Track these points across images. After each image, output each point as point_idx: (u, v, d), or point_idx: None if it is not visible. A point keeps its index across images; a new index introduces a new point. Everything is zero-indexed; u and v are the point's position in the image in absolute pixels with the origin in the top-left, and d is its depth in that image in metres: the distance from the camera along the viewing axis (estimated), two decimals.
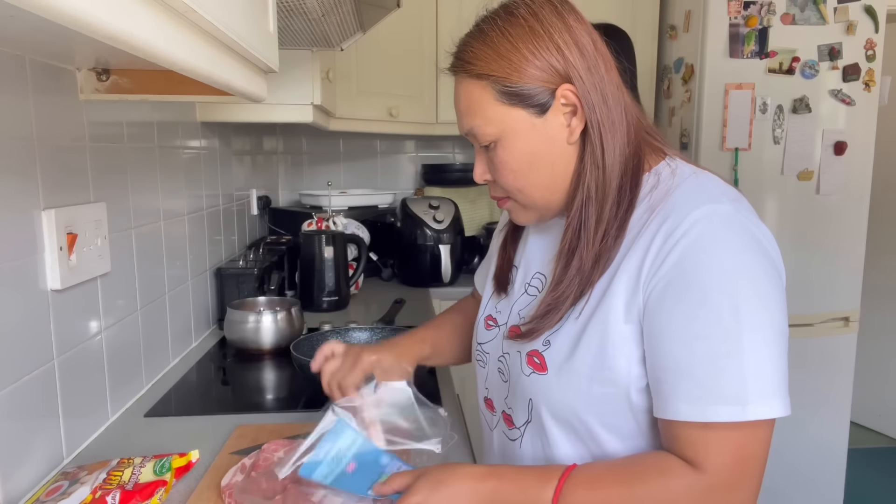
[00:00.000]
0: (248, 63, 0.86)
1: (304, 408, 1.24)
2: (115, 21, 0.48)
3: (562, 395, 0.80)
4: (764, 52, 2.23)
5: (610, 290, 0.76)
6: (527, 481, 0.75)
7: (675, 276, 0.71)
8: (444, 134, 2.63)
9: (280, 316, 1.54)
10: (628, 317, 0.74)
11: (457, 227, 2.39)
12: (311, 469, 0.80)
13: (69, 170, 1.03)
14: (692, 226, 0.71)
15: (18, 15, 0.61)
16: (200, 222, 1.68)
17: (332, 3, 1.23)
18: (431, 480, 0.75)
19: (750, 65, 2.24)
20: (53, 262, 0.95)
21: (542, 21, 0.76)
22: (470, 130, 0.82)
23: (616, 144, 0.77)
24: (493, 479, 0.75)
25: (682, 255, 0.71)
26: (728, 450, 0.70)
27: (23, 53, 0.90)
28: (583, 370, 0.77)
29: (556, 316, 0.80)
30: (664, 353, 0.72)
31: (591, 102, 0.76)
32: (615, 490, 0.72)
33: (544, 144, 0.78)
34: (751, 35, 2.22)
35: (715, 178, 0.80)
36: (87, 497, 0.82)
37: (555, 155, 0.79)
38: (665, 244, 0.72)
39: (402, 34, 2.38)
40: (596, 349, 0.76)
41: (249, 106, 1.65)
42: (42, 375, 0.94)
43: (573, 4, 0.80)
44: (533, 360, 0.83)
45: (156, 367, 1.38)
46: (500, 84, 0.77)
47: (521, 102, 0.77)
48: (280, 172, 2.83)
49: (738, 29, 2.22)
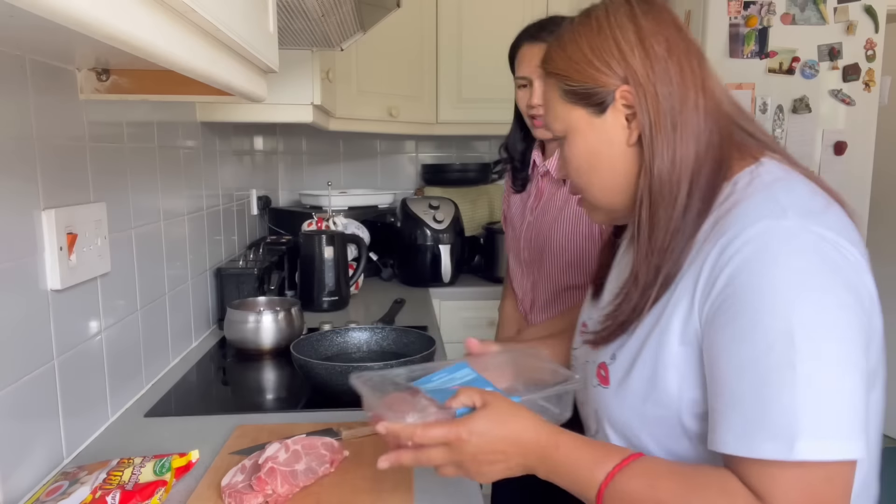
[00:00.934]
0: (248, 63, 0.86)
1: (304, 408, 1.24)
2: (115, 21, 0.48)
3: (620, 412, 0.78)
4: (764, 52, 2.23)
5: (669, 307, 0.72)
6: (585, 453, 0.73)
7: (727, 298, 0.66)
8: (444, 134, 2.63)
9: (280, 316, 1.54)
10: (684, 338, 0.71)
11: (457, 227, 2.39)
12: (422, 383, 0.83)
13: (69, 170, 1.03)
14: (745, 243, 0.66)
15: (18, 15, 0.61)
16: (200, 222, 1.68)
17: (332, 3, 1.23)
18: (499, 412, 0.73)
19: (750, 65, 2.24)
20: (53, 262, 0.95)
21: (611, 22, 0.75)
22: (548, 126, 0.85)
23: (677, 150, 0.73)
24: (555, 436, 0.74)
25: (733, 275, 0.66)
26: (797, 487, 0.62)
27: (23, 53, 0.90)
28: (638, 389, 0.75)
29: (614, 328, 0.78)
30: (716, 380, 0.67)
31: (647, 106, 0.73)
32: (671, 493, 0.68)
33: (603, 145, 0.78)
34: (751, 35, 2.22)
35: (802, 185, 0.73)
36: (87, 497, 0.82)
37: (614, 156, 0.77)
38: (718, 262, 0.68)
39: (402, 34, 2.38)
40: (651, 369, 0.73)
41: (249, 106, 1.65)
42: (42, 375, 0.94)
43: (662, 6, 0.78)
44: (600, 372, 0.81)
45: (156, 367, 1.38)
46: (563, 82, 0.78)
47: (580, 101, 0.78)
48: (280, 172, 2.83)
49: (738, 29, 2.22)
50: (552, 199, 1.47)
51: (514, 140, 1.54)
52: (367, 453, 1.00)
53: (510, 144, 1.55)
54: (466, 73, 2.53)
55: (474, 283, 2.43)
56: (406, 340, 1.43)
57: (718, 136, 0.75)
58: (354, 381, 0.81)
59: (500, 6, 2.49)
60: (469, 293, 2.33)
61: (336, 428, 1.08)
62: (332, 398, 1.25)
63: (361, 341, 1.46)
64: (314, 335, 1.42)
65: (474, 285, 2.41)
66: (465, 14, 2.50)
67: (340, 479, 0.93)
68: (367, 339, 1.46)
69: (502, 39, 1.52)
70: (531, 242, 1.50)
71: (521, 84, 1.42)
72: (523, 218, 1.53)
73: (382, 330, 1.47)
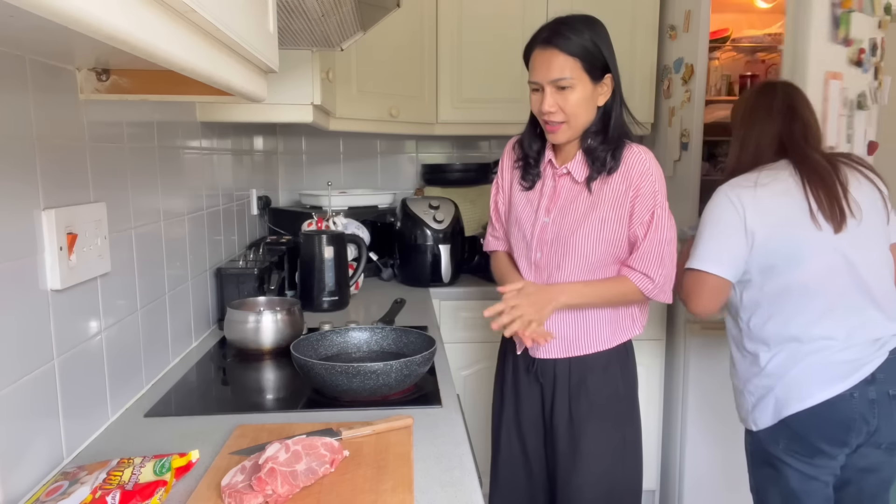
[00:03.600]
0: (248, 63, 0.86)
1: (304, 408, 1.24)
2: (114, 21, 0.48)
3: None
4: (847, 39, 2.03)
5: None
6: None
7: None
8: (444, 134, 2.63)
9: (280, 316, 1.54)
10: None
11: (457, 227, 2.39)
12: None
13: (69, 170, 1.03)
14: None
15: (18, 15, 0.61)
16: (200, 222, 1.68)
17: (332, 3, 1.23)
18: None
19: (839, 53, 2.05)
20: (53, 262, 0.95)
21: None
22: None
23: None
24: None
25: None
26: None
27: (23, 53, 0.91)
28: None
29: None
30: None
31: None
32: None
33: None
34: (845, 18, 1.99)
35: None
36: (87, 497, 0.82)
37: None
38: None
39: (402, 34, 2.38)
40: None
41: (249, 106, 1.65)
42: (42, 375, 0.94)
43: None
44: None
45: (156, 367, 1.38)
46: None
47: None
48: (280, 172, 2.83)
49: (835, 10, 2.00)
50: (573, 201, 1.45)
51: (531, 138, 1.53)
52: (367, 453, 1.00)
53: (525, 141, 1.54)
54: (466, 73, 2.53)
55: (474, 283, 2.43)
56: (406, 340, 1.43)
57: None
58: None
59: (500, 6, 2.49)
60: (469, 293, 2.33)
61: (336, 428, 1.08)
62: (332, 398, 1.26)
63: (361, 341, 1.46)
64: (314, 335, 1.42)
65: (474, 285, 2.41)
66: (465, 14, 2.50)
67: (340, 479, 0.93)
68: (367, 339, 1.46)
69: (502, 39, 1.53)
70: (549, 245, 1.48)
71: (533, 88, 1.43)
72: (535, 218, 1.50)
73: (382, 330, 1.47)
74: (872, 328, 1.48)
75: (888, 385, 1.45)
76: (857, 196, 1.50)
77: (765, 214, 1.49)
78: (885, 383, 1.45)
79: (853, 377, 1.44)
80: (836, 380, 1.45)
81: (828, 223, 1.46)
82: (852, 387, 1.43)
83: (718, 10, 2.27)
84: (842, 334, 1.47)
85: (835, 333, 1.47)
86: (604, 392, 1.49)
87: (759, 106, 1.61)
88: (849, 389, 1.43)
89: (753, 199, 1.50)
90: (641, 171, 1.40)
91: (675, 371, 2.42)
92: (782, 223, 1.49)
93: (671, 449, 2.47)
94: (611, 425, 1.50)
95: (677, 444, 2.43)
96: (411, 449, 1.03)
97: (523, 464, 1.61)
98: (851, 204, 1.48)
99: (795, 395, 1.47)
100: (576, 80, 1.37)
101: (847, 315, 1.48)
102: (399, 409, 1.19)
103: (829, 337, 1.47)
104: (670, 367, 2.45)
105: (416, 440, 1.07)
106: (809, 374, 1.47)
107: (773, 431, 1.52)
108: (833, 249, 1.47)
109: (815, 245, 1.47)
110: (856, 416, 1.44)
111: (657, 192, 1.41)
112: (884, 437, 1.46)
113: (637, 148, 1.43)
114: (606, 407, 1.50)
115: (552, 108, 1.39)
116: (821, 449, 1.47)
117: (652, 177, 1.41)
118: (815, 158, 1.52)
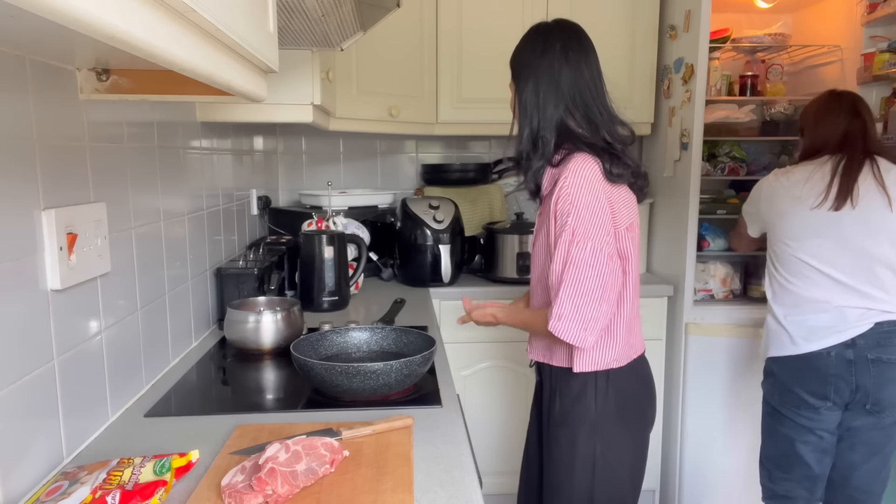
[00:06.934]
0: (248, 63, 0.86)
1: (304, 408, 1.24)
2: (114, 21, 0.48)
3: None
4: None
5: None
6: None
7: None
8: (444, 134, 2.63)
9: (280, 316, 1.54)
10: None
11: (457, 227, 2.39)
12: None
13: (69, 170, 1.03)
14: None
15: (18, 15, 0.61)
16: (200, 222, 1.68)
17: (332, 3, 1.23)
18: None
19: None
20: (53, 262, 0.95)
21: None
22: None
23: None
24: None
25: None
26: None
27: (23, 53, 0.91)
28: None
29: None
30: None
31: None
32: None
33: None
34: None
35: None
36: (87, 497, 0.82)
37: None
38: None
39: (402, 34, 2.38)
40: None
41: (249, 106, 1.65)
42: (42, 375, 0.94)
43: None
44: None
45: (156, 367, 1.38)
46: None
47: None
48: (280, 172, 2.83)
49: None
50: (541, 212, 1.41)
51: None
52: (367, 453, 1.00)
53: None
54: (466, 73, 2.53)
55: (474, 283, 2.44)
56: (406, 340, 1.43)
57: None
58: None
59: (500, 6, 2.49)
60: (469, 293, 2.33)
61: (336, 428, 1.08)
62: (332, 398, 1.26)
63: (361, 341, 1.46)
64: (314, 335, 1.42)
65: (474, 285, 2.41)
66: (465, 14, 2.50)
67: (340, 479, 0.93)
68: (367, 339, 1.46)
69: (502, 39, 1.53)
70: (531, 249, 1.48)
71: None
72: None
73: (382, 330, 1.47)
74: (862, 300, 1.74)
75: (867, 350, 1.72)
76: (888, 184, 1.74)
77: (775, 201, 1.88)
78: (864, 349, 1.73)
79: (831, 339, 1.74)
80: (817, 339, 1.76)
81: (833, 202, 1.75)
82: (829, 346, 1.74)
83: (718, 10, 2.27)
84: (836, 302, 1.76)
85: (829, 299, 1.76)
86: (574, 409, 1.37)
87: (829, 108, 1.88)
88: (826, 348, 1.74)
89: (773, 189, 1.90)
90: (561, 187, 1.26)
91: (675, 371, 2.42)
92: (780, 209, 1.86)
93: (671, 449, 2.47)
94: (580, 437, 1.36)
95: (677, 444, 2.43)
96: (411, 449, 1.03)
97: (530, 451, 1.59)
98: (863, 189, 1.74)
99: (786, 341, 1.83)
100: (512, 87, 1.41)
101: (842, 288, 1.76)
102: (399, 409, 1.19)
103: (823, 301, 1.77)
104: (670, 367, 2.45)
105: (416, 440, 1.07)
106: (798, 329, 1.80)
107: (769, 386, 1.91)
108: (826, 223, 1.76)
109: (816, 223, 1.78)
110: (832, 371, 1.74)
111: (569, 214, 1.24)
112: (867, 398, 1.73)
113: (571, 163, 1.27)
114: (577, 419, 1.37)
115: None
116: (804, 399, 1.79)
117: (569, 198, 1.25)
118: (859, 151, 1.79)
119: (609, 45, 1.42)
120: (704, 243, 2.41)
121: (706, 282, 2.44)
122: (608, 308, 1.26)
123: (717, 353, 2.34)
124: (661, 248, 2.54)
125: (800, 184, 1.83)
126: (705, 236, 2.41)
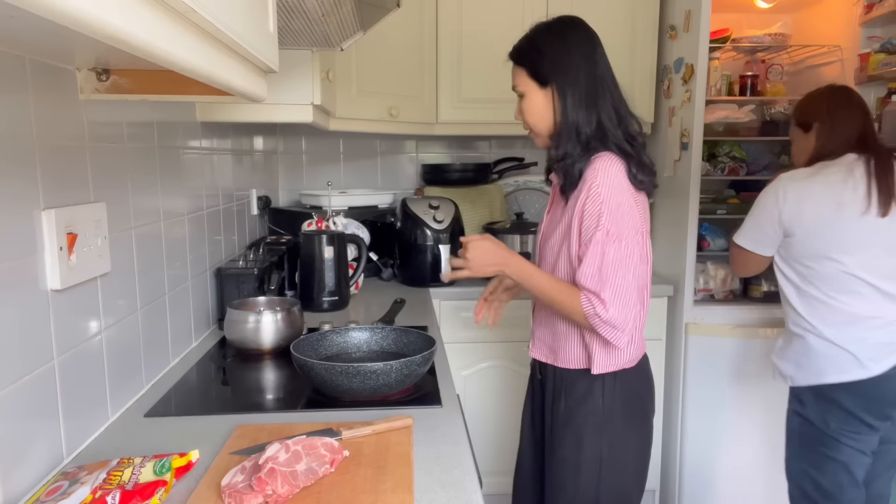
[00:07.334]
0: (248, 63, 0.86)
1: (304, 408, 1.24)
2: (114, 21, 0.48)
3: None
4: None
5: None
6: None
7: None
8: (444, 134, 2.63)
9: (280, 316, 1.54)
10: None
11: (457, 227, 2.39)
12: None
13: (69, 170, 1.03)
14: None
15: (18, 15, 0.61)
16: (200, 222, 1.68)
17: (332, 3, 1.23)
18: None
19: None
20: (53, 262, 0.95)
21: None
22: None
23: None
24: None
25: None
26: None
27: (23, 53, 0.91)
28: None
29: None
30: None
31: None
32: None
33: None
34: None
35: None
36: (87, 497, 0.82)
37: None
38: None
39: (402, 34, 2.38)
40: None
41: (249, 106, 1.65)
42: (42, 375, 0.94)
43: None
44: None
45: (156, 367, 1.38)
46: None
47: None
48: (280, 172, 2.83)
49: None
50: (555, 212, 1.42)
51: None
52: (367, 453, 1.00)
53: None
54: (466, 73, 2.53)
55: (474, 283, 2.43)
56: (406, 340, 1.43)
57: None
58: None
59: (500, 6, 2.49)
60: (469, 293, 2.33)
61: (336, 428, 1.08)
62: (332, 398, 1.26)
63: (361, 341, 1.46)
64: (314, 335, 1.42)
65: (474, 285, 2.40)
66: (465, 14, 2.50)
67: (340, 479, 0.93)
68: (367, 339, 1.46)
69: (502, 39, 1.52)
70: (536, 253, 1.48)
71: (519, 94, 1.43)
72: (539, 226, 1.51)
73: (382, 330, 1.47)
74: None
75: None
76: None
77: (802, 212, 1.68)
78: None
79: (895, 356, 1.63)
80: (883, 358, 1.63)
81: (879, 208, 1.61)
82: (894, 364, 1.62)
83: (718, 10, 2.27)
84: (889, 316, 1.64)
85: (882, 314, 1.64)
86: (581, 409, 1.37)
87: (841, 104, 1.76)
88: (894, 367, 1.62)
89: (800, 196, 1.69)
90: (590, 186, 1.27)
91: (675, 371, 2.42)
92: (821, 219, 1.66)
93: (671, 449, 2.47)
94: (586, 436, 1.36)
95: (677, 444, 2.43)
96: (411, 449, 1.03)
97: (523, 452, 1.58)
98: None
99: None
100: (524, 88, 1.38)
101: (890, 300, 1.64)
102: (399, 409, 1.19)
103: (878, 317, 1.64)
104: (670, 367, 2.45)
105: (416, 440, 1.07)
106: (862, 349, 1.66)
107: (821, 413, 1.72)
108: (877, 232, 1.62)
109: (858, 231, 1.63)
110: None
111: (601, 214, 1.25)
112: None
113: (598, 161, 1.29)
114: (583, 419, 1.37)
115: (517, 116, 1.43)
116: (868, 423, 1.64)
117: (600, 197, 1.26)
118: (885, 151, 1.69)
119: (609, 45, 1.41)
120: (704, 243, 2.41)
121: (706, 282, 2.44)
122: (642, 309, 1.32)
123: (717, 353, 2.34)
124: (661, 247, 2.54)
125: (836, 186, 1.65)
126: (705, 236, 2.41)
